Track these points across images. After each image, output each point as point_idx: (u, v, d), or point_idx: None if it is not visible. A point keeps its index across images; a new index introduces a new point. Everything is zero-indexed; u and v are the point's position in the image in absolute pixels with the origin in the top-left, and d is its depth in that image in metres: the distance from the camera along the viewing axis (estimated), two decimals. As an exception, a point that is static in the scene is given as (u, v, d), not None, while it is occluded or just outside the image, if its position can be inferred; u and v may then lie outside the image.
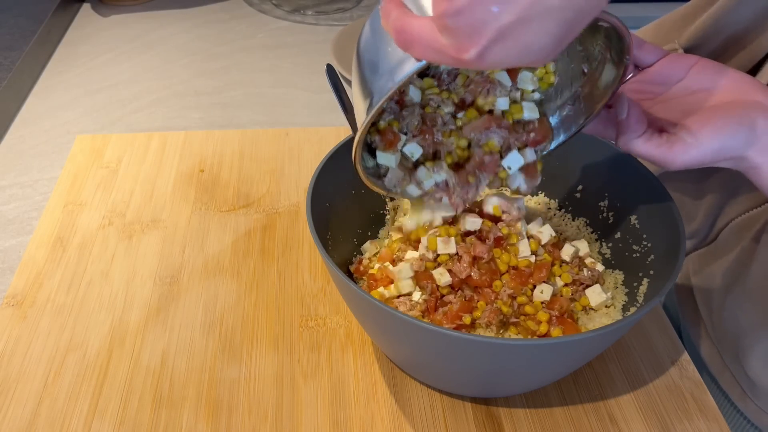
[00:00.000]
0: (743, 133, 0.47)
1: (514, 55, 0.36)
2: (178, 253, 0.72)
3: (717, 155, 0.47)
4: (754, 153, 0.47)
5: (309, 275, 0.70)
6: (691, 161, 0.48)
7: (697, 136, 0.47)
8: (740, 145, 0.47)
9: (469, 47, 0.36)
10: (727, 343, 0.67)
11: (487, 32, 0.35)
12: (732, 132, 0.47)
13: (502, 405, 0.58)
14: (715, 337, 0.68)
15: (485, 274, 0.57)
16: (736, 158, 0.48)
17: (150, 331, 0.64)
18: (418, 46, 0.39)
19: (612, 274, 0.63)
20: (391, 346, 0.56)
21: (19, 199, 0.80)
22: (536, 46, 0.36)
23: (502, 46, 0.36)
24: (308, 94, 1.01)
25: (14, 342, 0.62)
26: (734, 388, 0.67)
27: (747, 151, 0.47)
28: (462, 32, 0.36)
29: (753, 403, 0.66)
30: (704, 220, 0.68)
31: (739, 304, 0.64)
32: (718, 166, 0.49)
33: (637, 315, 0.48)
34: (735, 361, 0.66)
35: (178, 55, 1.10)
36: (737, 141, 0.47)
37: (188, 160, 0.84)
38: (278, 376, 0.60)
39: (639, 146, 0.49)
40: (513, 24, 0.35)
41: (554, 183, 0.69)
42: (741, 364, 0.65)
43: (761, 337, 0.62)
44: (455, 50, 0.37)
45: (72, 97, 0.99)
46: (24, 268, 0.69)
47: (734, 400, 0.67)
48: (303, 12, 1.24)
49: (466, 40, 0.36)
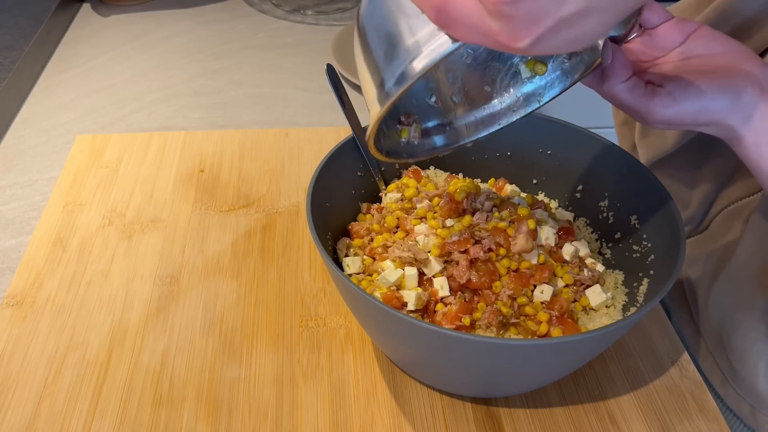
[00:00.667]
0: (725, 99, 0.46)
1: (564, 45, 0.36)
2: (178, 253, 0.72)
3: (696, 117, 0.47)
4: (738, 122, 0.47)
5: (309, 275, 0.69)
6: (670, 117, 0.47)
7: (679, 93, 0.47)
8: (721, 111, 0.47)
9: (524, 36, 0.35)
10: (711, 330, 0.68)
11: (545, 22, 0.34)
12: (713, 95, 0.47)
13: (502, 405, 0.58)
14: (700, 324, 0.69)
15: (484, 275, 0.57)
16: (718, 124, 0.47)
17: (150, 331, 0.64)
18: (462, 28, 0.37)
19: (612, 274, 0.63)
20: (391, 346, 0.56)
21: (19, 199, 0.80)
22: (588, 36, 0.35)
23: (556, 35, 0.35)
24: (308, 94, 1.01)
25: (14, 342, 0.62)
26: (716, 374, 0.68)
27: (730, 118, 0.47)
28: (519, 20, 0.34)
29: (733, 389, 0.66)
30: (698, 208, 0.69)
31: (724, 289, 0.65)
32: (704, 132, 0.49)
33: (637, 315, 0.48)
34: (718, 347, 0.67)
35: (178, 55, 1.10)
36: (718, 105, 0.46)
37: (188, 160, 0.84)
38: (278, 376, 0.60)
39: (622, 93, 0.48)
40: (573, 15, 0.34)
41: (554, 183, 0.69)
42: (724, 349, 0.65)
43: (742, 320, 0.62)
44: (507, 37, 0.36)
45: (72, 97, 0.99)
46: (24, 268, 0.69)
47: (715, 387, 0.68)
48: (303, 12, 1.24)
49: (522, 28, 0.35)
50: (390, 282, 0.57)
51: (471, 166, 0.70)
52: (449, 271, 0.58)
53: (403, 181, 0.67)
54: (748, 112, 0.47)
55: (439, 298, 0.57)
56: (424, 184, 0.67)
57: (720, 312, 0.66)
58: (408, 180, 0.67)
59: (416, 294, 0.56)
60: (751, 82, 0.47)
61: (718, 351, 0.67)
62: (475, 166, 0.70)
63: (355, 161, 0.65)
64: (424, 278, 0.59)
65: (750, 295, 0.62)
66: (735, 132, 0.47)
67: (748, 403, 0.66)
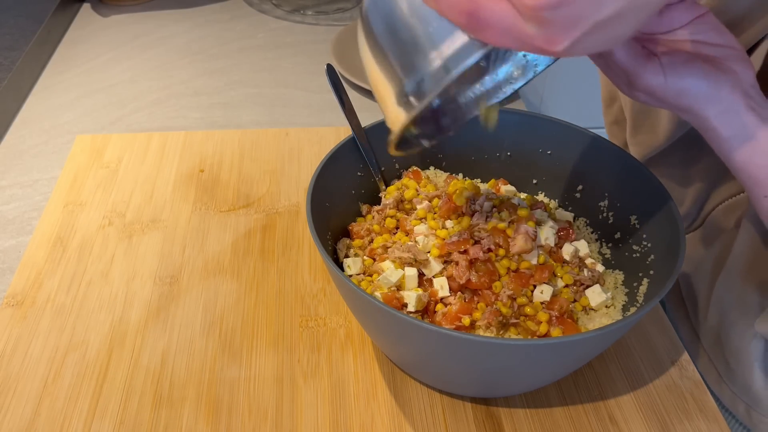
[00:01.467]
0: (706, 87, 0.47)
1: (599, 46, 0.36)
2: (178, 253, 0.72)
3: (678, 97, 0.47)
4: (713, 114, 0.47)
5: (309, 275, 0.70)
6: (654, 87, 0.47)
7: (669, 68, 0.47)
8: (699, 98, 0.47)
9: (562, 39, 0.35)
10: (709, 329, 0.68)
11: (582, 26, 0.34)
12: (697, 78, 0.47)
13: (502, 405, 0.58)
14: (696, 322, 0.69)
15: (484, 275, 0.57)
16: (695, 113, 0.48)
17: (150, 331, 0.64)
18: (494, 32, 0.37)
19: (612, 274, 0.63)
20: (391, 346, 0.56)
21: (19, 199, 0.80)
22: (621, 37, 0.36)
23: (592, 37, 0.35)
24: (308, 94, 1.01)
25: (14, 342, 0.62)
26: (711, 373, 0.68)
27: (706, 109, 0.47)
28: (557, 24, 0.35)
29: (728, 388, 0.66)
30: (692, 206, 0.69)
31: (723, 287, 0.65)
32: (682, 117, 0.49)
33: (637, 315, 0.48)
34: (714, 346, 0.67)
35: (178, 55, 1.10)
36: (698, 91, 0.47)
37: (188, 160, 0.84)
38: (278, 376, 0.60)
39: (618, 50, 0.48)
40: (610, 17, 0.34)
41: (554, 183, 0.69)
42: (720, 348, 0.65)
43: (738, 318, 0.63)
44: (543, 41, 0.36)
45: (72, 97, 0.99)
46: (24, 268, 0.69)
47: (710, 385, 0.68)
48: (303, 12, 1.24)
49: (560, 33, 0.35)
50: (391, 282, 0.57)
51: (471, 166, 0.70)
52: (449, 271, 0.58)
53: (403, 181, 0.67)
54: (724, 107, 0.47)
55: (438, 298, 0.57)
56: (423, 185, 0.67)
57: (719, 310, 0.66)
58: (408, 181, 0.67)
59: (417, 295, 0.56)
60: (732, 80, 0.47)
61: (714, 350, 0.67)
62: (474, 167, 0.70)
63: (355, 161, 0.65)
64: (424, 278, 0.59)
65: (746, 293, 0.62)
66: (709, 123, 0.47)
67: (743, 401, 0.66)
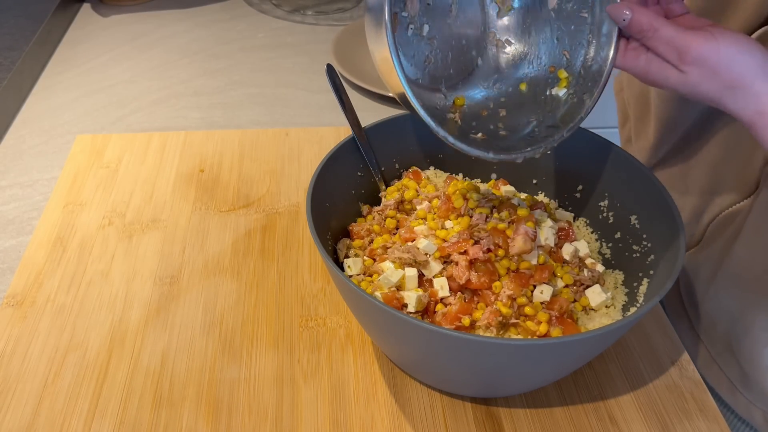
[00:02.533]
0: (757, 57, 0.44)
1: None
2: (178, 253, 0.72)
3: (730, 66, 0.44)
4: (763, 89, 0.44)
5: (309, 275, 0.70)
6: (708, 54, 0.44)
7: (718, 32, 0.45)
8: (752, 66, 0.44)
9: None
10: (716, 337, 0.67)
11: None
12: (750, 45, 0.44)
13: (502, 405, 0.58)
14: (701, 332, 0.68)
15: (483, 276, 0.57)
16: (746, 86, 0.44)
17: (150, 331, 0.64)
18: None
19: (612, 274, 0.63)
20: (391, 346, 0.56)
21: (19, 199, 0.80)
22: None
23: None
24: (308, 94, 1.01)
25: (14, 342, 0.62)
26: (722, 383, 0.67)
27: (755, 82, 0.44)
28: None
29: (743, 396, 0.65)
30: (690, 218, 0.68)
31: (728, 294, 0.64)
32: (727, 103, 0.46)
33: (637, 315, 0.48)
34: (725, 354, 0.66)
35: (178, 55, 1.10)
36: (752, 57, 0.44)
37: (188, 160, 0.84)
38: (278, 376, 0.60)
39: (664, 26, 0.46)
40: None
41: (554, 183, 0.69)
42: (733, 354, 0.64)
43: (752, 323, 0.62)
44: None
45: (72, 97, 0.99)
46: (24, 268, 0.69)
47: (722, 396, 0.67)
48: (303, 12, 1.24)
49: None
50: (392, 282, 0.57)
51: (471, 166, 0.70)
52: (449, 271, 0.58)
53: (403, 182, 0.67)
54: None
55: (438, 298, 0.57)
56: (424, 185, 0.67)
57: (726, 317, 0.65)
58: (408, 181, 0.67)
59: (417, 296, 0.56)
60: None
61: (724, 357, 0.66)
62: (475, 167, 0.70)
63: (355, 161, 0.65)
64: (424, 279, 0.59)
65: (759, 297, 0.61)
66: (761, 99, 0.44)
67: (760, 408, 0.65)
